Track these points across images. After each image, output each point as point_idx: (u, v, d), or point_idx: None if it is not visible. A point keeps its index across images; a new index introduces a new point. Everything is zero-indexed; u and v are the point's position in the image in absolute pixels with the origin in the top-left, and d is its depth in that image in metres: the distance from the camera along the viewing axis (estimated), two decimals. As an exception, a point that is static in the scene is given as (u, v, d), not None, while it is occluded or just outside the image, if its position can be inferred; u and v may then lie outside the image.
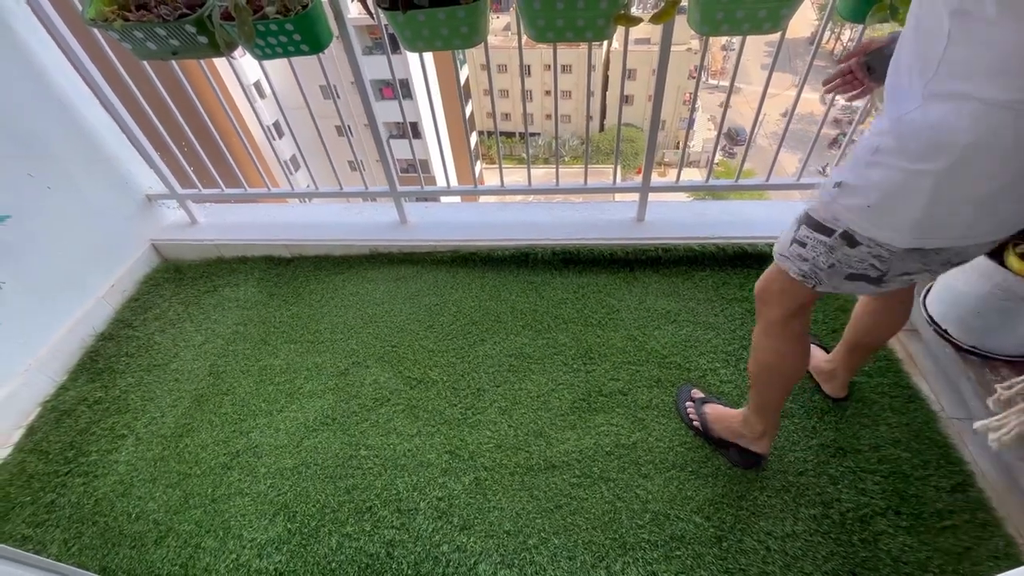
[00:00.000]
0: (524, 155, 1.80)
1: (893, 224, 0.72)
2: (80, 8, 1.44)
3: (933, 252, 0.75)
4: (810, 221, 0.83)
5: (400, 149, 15.28)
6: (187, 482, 1.38)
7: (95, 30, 1.43)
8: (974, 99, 0.60)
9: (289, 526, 1.28)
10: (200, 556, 1.24)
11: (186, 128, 1.82)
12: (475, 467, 1.35)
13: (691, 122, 1.91)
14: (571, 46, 1.39)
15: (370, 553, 1.22)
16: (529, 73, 20.97)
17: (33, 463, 1.45)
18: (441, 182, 1.94)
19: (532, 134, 22.48)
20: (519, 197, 1.99)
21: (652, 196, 1.82)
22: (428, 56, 1.53)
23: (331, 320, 1.78)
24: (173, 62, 1.50)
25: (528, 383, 1.52)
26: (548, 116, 19.38)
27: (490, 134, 21.57)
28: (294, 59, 1.42)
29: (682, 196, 2.92)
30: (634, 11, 1.24)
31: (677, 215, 1.88)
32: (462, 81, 15.77)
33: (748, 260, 1.77)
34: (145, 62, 1.52)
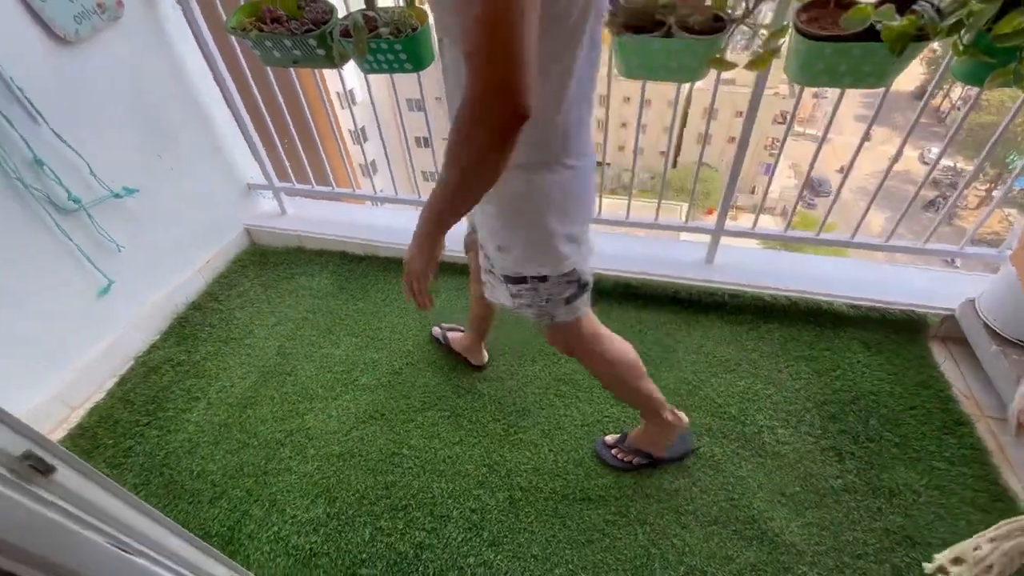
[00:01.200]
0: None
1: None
2: (224, 18, 1.65)
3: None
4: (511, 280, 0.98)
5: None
6: (244, 451, 1.49)
7: (232, 37, 1.62)
8: None
9: (328, 510, 1.34)
10: (246, 523, 1.32)
11: (291, 127, 2.00)
12: (511, 485, 1.36)
13: (773, 168, 1.85)
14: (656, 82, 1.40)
15: (399, 551, 1.25)
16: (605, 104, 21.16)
17: (120, 410, 1.61)
18: None
19: (602, 163, 22.45)
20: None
21: (723, 240, 1.79)
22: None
23: (392, 320, 1.86)
24: (291, 69, 1.66)
25: (574, 410, 1.52)
26: (620, 148, 19.36)
27: None
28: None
29: (752, 242, 2.82)
30: (729, 55, 1.24)
31: (748, 261, 1.82)
32: None
33: (822, 318, 1.68)
34: (268, 68, 1.70)
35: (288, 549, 1.27)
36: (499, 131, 0.59)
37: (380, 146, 1.93)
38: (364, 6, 1.36)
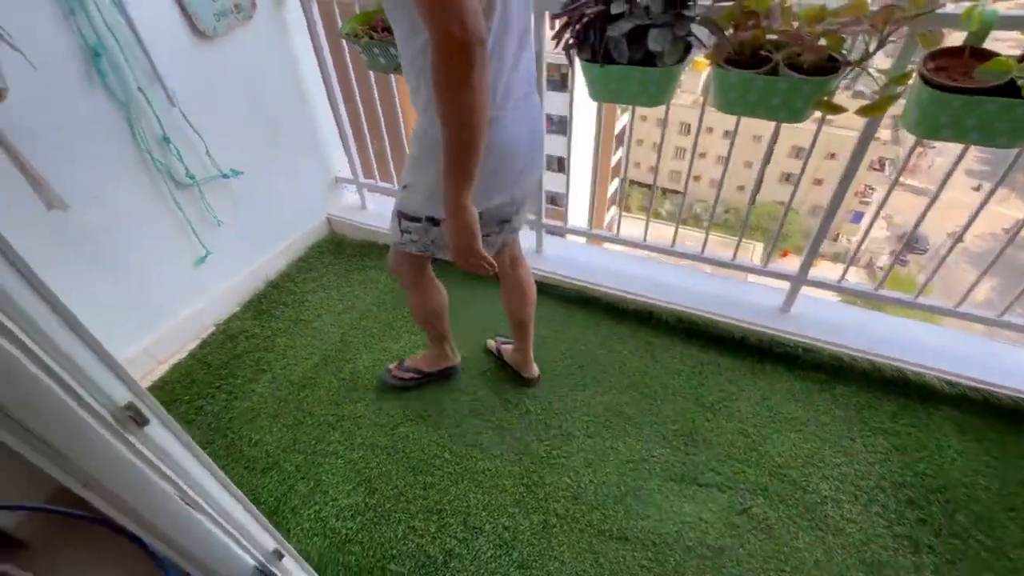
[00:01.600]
0: (661, 210, 1.78)
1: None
2: (339, 24, 1.78)
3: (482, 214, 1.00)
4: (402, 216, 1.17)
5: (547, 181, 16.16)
6: (298, 428, 1.56)
7: (344, 42, 1.74)
8: None
9: (367, 500, 1.37)
10: (291, 497, 1.39)
11: (384, 129, 2.12)
12: (547, 510, 1.33)
13: (870, 225, 1.71)
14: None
15: (429, 554, 1.26)
16: (689, 131, 20.75)
17: (197, 371, 1.75)
18: (573, 220, 1.99)
19: (674, 191, 21.93)
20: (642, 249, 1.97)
21: (804, 289, 1.68)
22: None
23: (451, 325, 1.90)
24: (391, 75, 1.76)
25: (621, 444, 1.47)
26: (696, 178, 18.82)
27: (635, 184, 21.60)
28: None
29: (831, 294, 2.62)
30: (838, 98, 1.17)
31: (829, 315, 1.70)
32: (619, 128, 16.15)
33: (908, 390, 1.53)
34: (371, 72, 1.81)
35: (326, 530, 1.32)
36: (469, 59, 0.73)
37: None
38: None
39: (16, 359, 0.46)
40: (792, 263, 1.64)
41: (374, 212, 2.38)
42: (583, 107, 1.80)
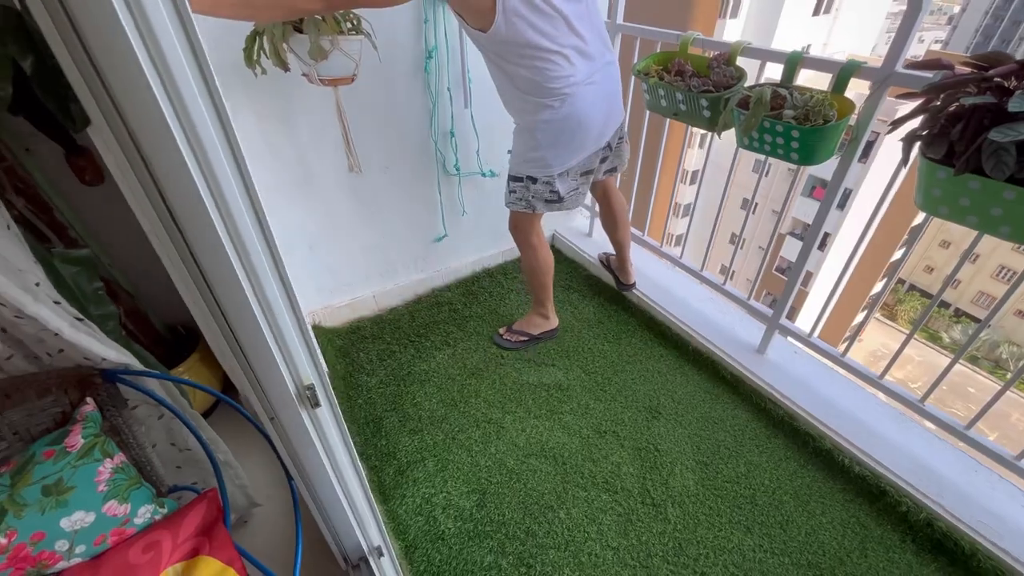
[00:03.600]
0: (942, 334, 1.27)
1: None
2: (635, 59, 1.77)
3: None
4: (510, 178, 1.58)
5: (788, 250, 14.04)
6: (452, 409, 1.68)
7: (633, 78, 1.73)
8: None
9: (475, 511, 1.39)
10: (416, 470, 1.50)
11: (639, 167, 2.07)
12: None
13: None
14: None
15: (502, 603, 1.20)
16: None
17: (405, 320, 2.04)
18: (803, 319, 1.59)
19: (972, 318, 16.05)
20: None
21: None
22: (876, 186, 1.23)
23: (626, 378, 1.77)
24: (667, 120, 1.68)
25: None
26: (1021, 313, 13.46)
27: (915, 290, 16.73)
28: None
29: None
30: None
31: None
32: (916, 222, 12.71)
33: None
34: (647, 112, 1.77)
35: (429, 516, 1.38)
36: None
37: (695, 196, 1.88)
38: (780, 80, 1.24)
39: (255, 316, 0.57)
40: None
41: (598, 240, 2.37)
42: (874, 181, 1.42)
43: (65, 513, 0.83)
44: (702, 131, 1.49)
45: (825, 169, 1.37)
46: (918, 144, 0.98)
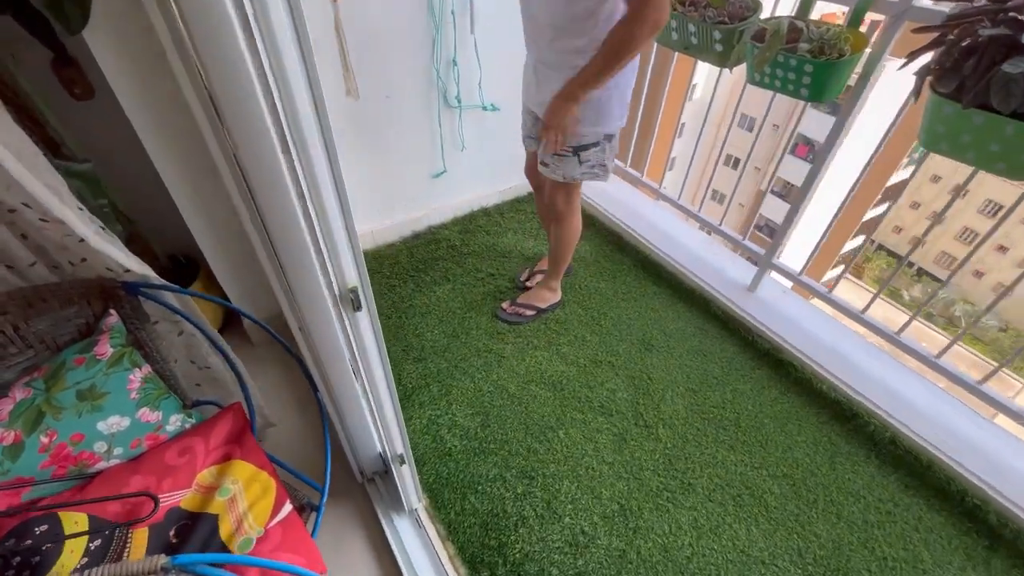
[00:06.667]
0: (903, 292, 1.37)
1: None
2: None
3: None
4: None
5: (768, 209, 14.20)
6: (454, 339, 1.72)
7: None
8: None
9: (479, 431, 1.46)
10: (422, 394, 1.55)
11: (640, 111, 2.04)
12: (631, 542, 1.25)
13: None
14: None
15: (505, 509, 1.30)
16: (996, 213, 15.50)
17: (403, 256, 2.04)
18: (785, 258, 1.69)
19: (933, 277, 16.87)
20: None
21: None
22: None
23: (621, 314, 1.84)
24: (675, 53, 1.65)
25: (740, 528, 1.28)
26: (978, 273, 14.06)
27: (884, 250, 17.33)
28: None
29: None
30: None
31: None
32: (891, 182, 13.03)
33: None
34: (653, 49, 1.73)
35: (435, 436, 1.46)
36: (651, 36, 1.09)
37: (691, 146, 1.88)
38: (795, 13, 1.23)
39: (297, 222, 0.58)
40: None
41: (601, 189, 2.37)
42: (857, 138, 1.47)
43: (101, 417, 0.86)
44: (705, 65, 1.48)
45: (811, 127, 1.37)
46: (928, 79, 1.00)
